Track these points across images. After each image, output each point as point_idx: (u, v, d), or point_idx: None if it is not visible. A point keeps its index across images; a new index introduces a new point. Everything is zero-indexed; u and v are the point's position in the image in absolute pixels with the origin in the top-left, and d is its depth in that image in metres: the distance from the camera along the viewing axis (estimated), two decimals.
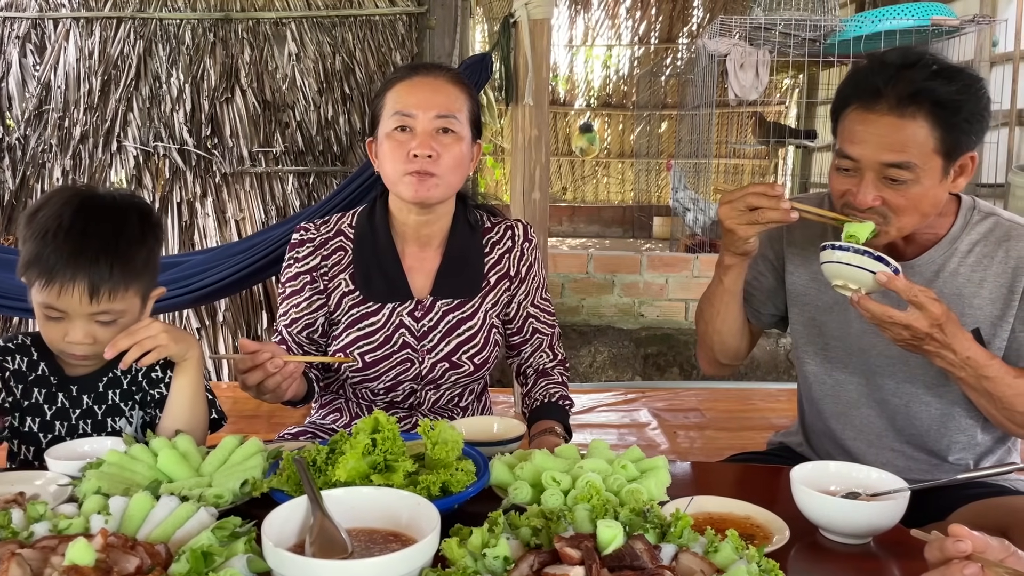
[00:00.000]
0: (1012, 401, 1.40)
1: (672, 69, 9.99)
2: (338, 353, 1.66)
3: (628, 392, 3.98)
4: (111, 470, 1.20)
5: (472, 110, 1.66)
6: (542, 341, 1.80)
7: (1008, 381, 1.39)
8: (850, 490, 1.20)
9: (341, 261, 1.70)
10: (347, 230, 1.73)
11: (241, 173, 4.06)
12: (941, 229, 1.53)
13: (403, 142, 1.57)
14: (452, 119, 1.59)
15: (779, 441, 1.86)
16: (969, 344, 1.37)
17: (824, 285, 1.62)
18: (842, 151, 1.43)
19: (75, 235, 1.35)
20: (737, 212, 1.44)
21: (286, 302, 1.70)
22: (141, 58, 4.03)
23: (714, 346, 1.73)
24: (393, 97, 1.61)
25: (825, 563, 1.11)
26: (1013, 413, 1.42)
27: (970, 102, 1.38)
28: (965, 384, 1.42)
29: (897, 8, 5.27)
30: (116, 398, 1.49)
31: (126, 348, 1.33)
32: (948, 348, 1.36)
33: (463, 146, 1.61)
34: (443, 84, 1.62)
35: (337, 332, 1.67)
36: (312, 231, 1.72)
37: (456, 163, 1.60)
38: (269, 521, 0.97)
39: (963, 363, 1.37)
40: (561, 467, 1.19)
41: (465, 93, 1.65)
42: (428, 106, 1.57)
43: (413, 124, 1.57)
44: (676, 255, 5.44)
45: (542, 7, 2.98)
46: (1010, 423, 1.46)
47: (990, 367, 1.38)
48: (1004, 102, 5.90)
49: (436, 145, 1.56)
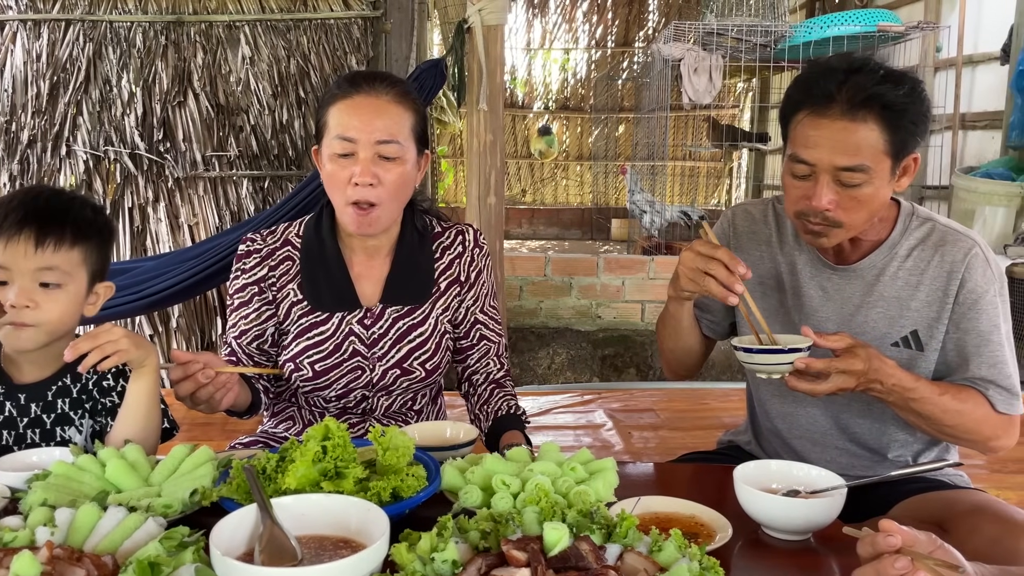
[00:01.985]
0: (940, 418, 1.46)
1: (628, 73, 10.09)
2: (287, 363, 1.65)
3: (584, 394, 4.00)
4: (58, 481, 1.18)
5: (417, 124, 1.62)
6: (489, 349, 1.79)
7: (934, 400, 1.44)
8: (791, 488, 1.23)
9: (289, 271, 1.69)
10: (294, 240, 1.72)
11: (194, 178, 4.01)
12: (882, 234, 1.58)
13: (345, 167, 1.55)
14: (394, 144, 1.56)
15: (729, 440, 1.90)
16: (893, 372, 1.41)
17: (768, 290, 1.67)
18: (796, 156, 1.45)
19: (27, 200, 1.40)
20: (694, 266, 1.46)
21: (234, 314, 1.69)
22: (91, 61, 3.97)
23: (671, 361, 1.78)
24: (335, 116, 1.57)
25: (766, 559, 1.14)
26: (942, 427, 1.48)
27: (915, 105, 1.42)
28: (894, 406, 1.47)
29: (845, 14, 5.40)
30: (65, 407, 1.47)
31: (86, 351, 1.32)
32: (876, 382, 1.41)
33: (406, 167, 1.59)
34: (385, 104, 1.57)
35: (287, 342, 1.67)
36: (259, 242, 1.71)
37: (398, 187, 1.58)
38: (218, 530, 0.97)
39: (890, 390, 1.42)
40: (511, 470, 1.21)
41: (409, 109, 1.61)
42: (369, 131, 1.54)
43: (355, 149, 1.54)
44: (632, 257, 5.49)
45: (495, 13, 3.01)
46: (940, 435, 1.52)
47: (916, 390, 1.43)
48: (948, 106, 6.06)
49: (378, 171, 1.55)
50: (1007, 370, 1.50)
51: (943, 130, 6.18)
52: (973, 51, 6.18)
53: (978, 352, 1.50)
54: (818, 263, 1.62)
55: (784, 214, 1.68)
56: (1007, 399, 1.49)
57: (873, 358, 1.40)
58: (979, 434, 1.49)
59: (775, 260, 1.67)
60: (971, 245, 1.52)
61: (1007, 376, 1.49)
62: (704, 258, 1.44)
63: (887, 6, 7.02)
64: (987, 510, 1.41)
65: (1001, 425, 1.50)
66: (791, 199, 1.50)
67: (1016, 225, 5.10)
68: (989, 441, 1.51)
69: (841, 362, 1.38)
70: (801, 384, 1.40)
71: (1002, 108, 5.80)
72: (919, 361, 1.55)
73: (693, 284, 1.47)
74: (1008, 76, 5.59)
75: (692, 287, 1.47)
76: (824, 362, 1.38)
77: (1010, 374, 1.50)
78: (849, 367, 1.37)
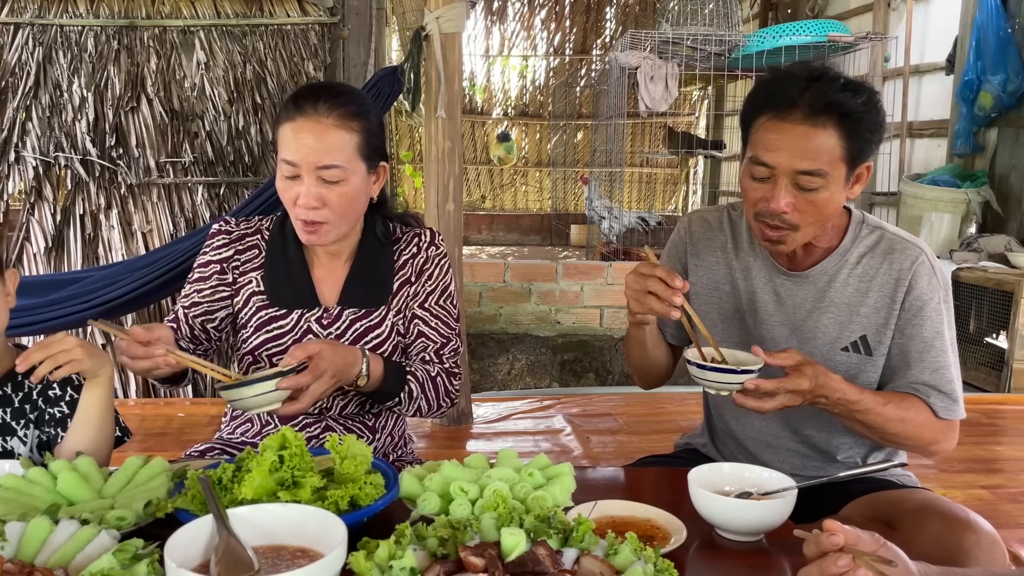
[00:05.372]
0: (883, 426, 1.50)
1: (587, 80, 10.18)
2: (246, 356, 1.68)
3: (544, 399, 4.02)
4: (8, 495, 1.18)
5: (365, 143, 1.62)
6: (427, 346, 1.74)
7: (878, 411, 1.48)
8: (743, 490, 1.26)
9: (253, 260, 1.71)
10: (265, 231, 1.75)
11: (148, 184, 3.97)
12: (833, 241, 1.62)
13: (291, 187, 1.58)
14: (335, 169, 1.56)
15: (685, 443, 1.93)
16: (838, 387, 1.45)
17: (723, 295, 1.71)
18: (757, 158, 1.49)
19: None
20: (636, 288, 1.49)
21: (190, 286, 1.71)
22: (40, 65, 3.91)
23: (642, 375, 1.81)
24: (282, 137, 1.59)
25: (720, 560, 1.16)
26: (885, 434, 1.52)
27: (871, 114, 1.47)
28: (840, 416, 1.51)
29: (796, 25, 5.53)
30: (7, 417, 1.46)
31: (39, 361, 1.31)
32: (822, 397, 1.45)
33: (352, 186, 1.60)
34: (326, 129, 1.56)
35: (247, 335, 1.68)
36: (232, 225, 1.74)
37: (346, 205, 1.60)
38: (172, 542, 0.96)
39: (835, 403, 1.46)
40: (469, 477, 1.22)
41: (354, 131, 1.60)
42: (310, 156, 1.55)
43: (298, 172, 1.56)
44: (590, 263, 5.55)
45: (453, 21, 3.02)
46: (884, 442, 1.57)
47: (860, 402, 1.47)
48: (896, 114, 6.22)
49: (322, 193, 1.56)
50: (948, 375, 1.54)
51: (892, 138, 6.33)
52: (920, 61, 6.36)
53: (921, 357, 1.54)
54: (772, 268, 1.66)
55: (739, 221, 1.72)
56: (948, 405, 1.53)
57: (820, 375, 1.43)
58: (921, 440, 1.54)
59: (730, 265, 1.71)
60: (918, 253, 1.57)
61: (948, 381, 1.54)
62: (643, 278, 1.47)
63: (837, 17, 7.19)
64: (932, 508, 1.46)
65: (942, 431, 1.54)
66: (750, 201, 1.54)
67: (961, 230, 5.25)
68: (930, 446, 1.55)
69: (789, 382, 1.41)
70: (749, 402, 1.43)
71: (947, 117, 5.97)
72: (867, 365, 1.59)
73: (638, 305, 1.50)
74: (953, 86, 5.77)
75: (637, 308, 1.50)
76: (773, 383, 1.41)
77: (951, 379, 1.54)
78: (797, 387, 1.41)
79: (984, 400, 4.24)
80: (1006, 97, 5.22)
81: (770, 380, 1.41)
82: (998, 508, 2.78)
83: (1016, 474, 3.21)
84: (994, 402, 4.21)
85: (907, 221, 5.50)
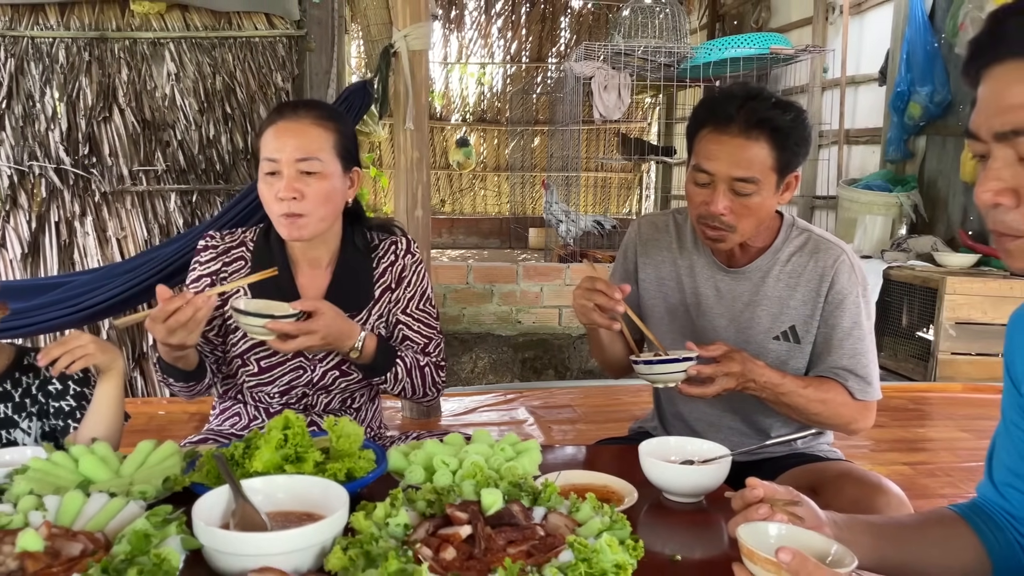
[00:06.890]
0: (805, 407, 1.68)
1: (543, 87, 10.35)
2: (235, 359, 1.79)
3: (507, 393, 4.15)
4: (36, 475, 1.28)
5: (341, 144, 1.76)
6: (413, 347, 1.86)
7: (800, 393, 1.67)
8: (686, 459, 1.45)
9: (240, 270, 1.82)
10: (249, 243, 1.85)
11: (122, 192, 4.01)
12: (767, 241, 1.81)
13: (272, 184, 1.71)
14: (313, 160, 1.70)
15: (638, 427, 2.10)
16: (763, 372, 1.64)
17: (669, 290, 1.89)
18: (699, 166, 1.67)
19: None
20: (580, 302, 1.67)
21: None
22: (13, 76, 3.94)
23: (607, 367, 1.97)
24: (264, 143, 1.73)
25: (666, 518, 1.34)
26: (808, 414, 1.70)
27: (798, 129, 1.66)
28: (767, 401, 1.70)
29: (741, 37, 5.78)
30: (8, 411, 1.56)
31: (57, 356, 1.44)
32: (751, 381, 1.64)
33: (329, 181, 1.73)
34: (305, 127, 1.71)
35: (235, 339, 1.80)
36: (217, 239, 1.85)
37: (322, 199, 1.72)
38: (198, 505, 1.10)
39: (762, 387, 1.65)
40: (449, 452, 1.37)
41: (331, 130, 1.74)
42: (290, 150, 1.69)
43: (279, 168, 1.70)
44: (549, 265, 5.72)
45: (420, 39, 3.17)
46: (808, 422, 1.75)
47: (783, 385, 1.65)
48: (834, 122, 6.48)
49: (300, 186, 1.69)
50: (864, 360, 1.73)
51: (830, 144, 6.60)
52: (855, 72, 6.61)
53: (840, 345, 1.73)
54: (713, 266, 1.84)
55: (684, 223, 1.91)
56: (863, 388, 1.72)
57: (747, 360, 1.63)
58: (840, 418, 1.72)
59: (676, 263, 1.89)
60: (839, 253, 1.77)
61: (864, 366, 1.73)
62: (588, 292, 1.65)
63: (779, 29, 7.45)
64: (849, 475, 1.66)
65: (859, 410, 1.73)
66: (693, 204, 1.72)
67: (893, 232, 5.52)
68: (849, 425, 1.74)
69: (723, 366, 1.60)
70: (693, 390, 1.62)
71: (881, 125, 6.22)
72: (796, 353, 1.78)
73: (584, 319, 1.68)
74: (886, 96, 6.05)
75: (584, 321, 1.69)
76: (712, 368, 1.60)
77: (867, 364, 1.73)
78: (729, 369, 1.60)
79: (911, 388, 4.47)
80: (933, 107, 5.46)
81: (708, 366, 1.61)
82: (916, 482, 2.99)
83: (935, 452, 3.43)
84: (920, 390, 4.44)
85: (844, 223, 5.72)
